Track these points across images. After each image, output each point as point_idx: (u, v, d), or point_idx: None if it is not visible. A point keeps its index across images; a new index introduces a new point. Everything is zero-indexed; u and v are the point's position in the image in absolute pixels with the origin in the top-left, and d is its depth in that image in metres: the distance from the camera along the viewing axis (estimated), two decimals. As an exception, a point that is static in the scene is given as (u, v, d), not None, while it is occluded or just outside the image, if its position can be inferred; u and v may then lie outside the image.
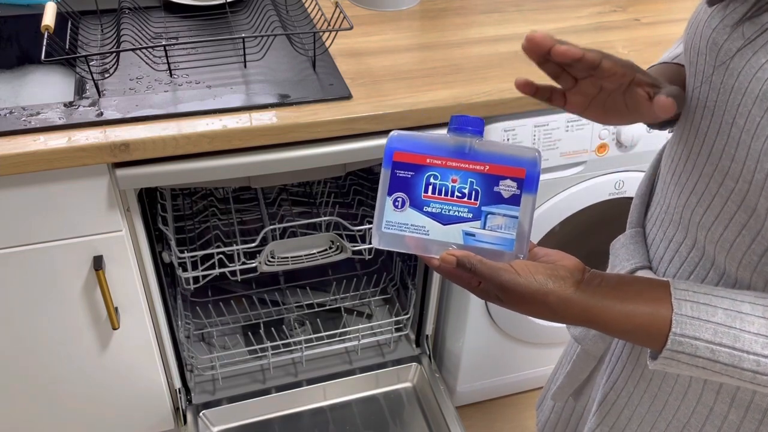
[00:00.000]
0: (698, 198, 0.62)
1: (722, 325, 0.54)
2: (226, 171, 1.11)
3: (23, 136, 1.01)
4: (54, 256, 1.13)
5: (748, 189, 0.56)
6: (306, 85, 1.15)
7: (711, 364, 0.55)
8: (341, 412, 1.52)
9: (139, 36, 1.24)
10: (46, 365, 1.27)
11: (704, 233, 0.63)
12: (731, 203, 0.59)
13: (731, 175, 0.58)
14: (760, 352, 0.53)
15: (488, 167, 0.58)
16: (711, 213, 0.61)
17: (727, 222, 0.59)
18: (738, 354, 0.54)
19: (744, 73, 0.55)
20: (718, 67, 0.58)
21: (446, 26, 1.39)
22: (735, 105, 0.56)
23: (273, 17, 1.30)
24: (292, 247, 1.34)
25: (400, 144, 0.60)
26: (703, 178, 0.61)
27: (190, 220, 1.64)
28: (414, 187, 0.59)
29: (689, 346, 0.54)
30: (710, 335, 0.54)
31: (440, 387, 1.53)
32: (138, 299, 1.24)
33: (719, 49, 0.58)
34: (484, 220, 0.58)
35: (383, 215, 0.60)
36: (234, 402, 1.49)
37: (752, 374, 0.54)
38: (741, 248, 0.59)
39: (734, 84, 0.56)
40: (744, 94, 0.55)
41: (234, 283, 1.71)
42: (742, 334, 0.54)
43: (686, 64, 0.65)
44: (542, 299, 0.56)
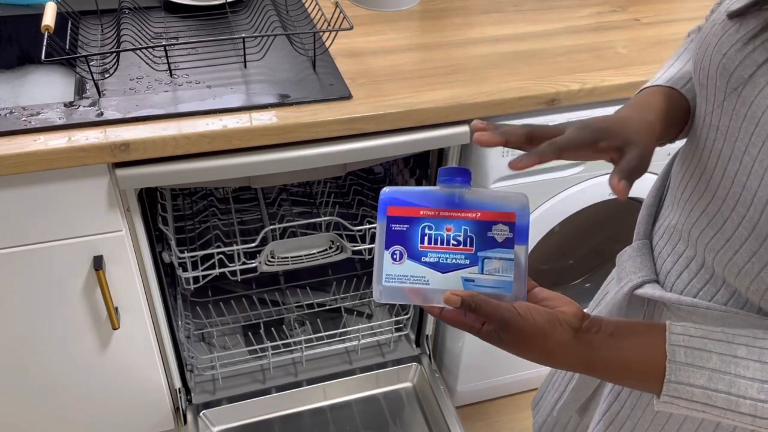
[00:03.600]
0: (709, 220, 0.62)
1: (717, 371, 0.54)
2: (226, 171, 1.11)
3: (23, 136, 1.01)
4: (54, 256, 1.13)
5: (759, 218, 0.56)
6: (306, 85, 1.15)
7: (709, 408, 0.55)
8: (341, 412, 1.52)
9: (139, 36, 1.24)
10: (46, 365, 1.27)
11: (713, 255, 0.62)
12: (742, 229, 0.58)
13: (743, 202, 0.57)
14: (756, 396, 0.53)
15: (480, 214, 0.60)
16: (721, 236, 0.61)
17: (738, 247, 0.59)
18: (734, 399, 0.54)
19: (757, 102, 0.54)
20: (729, 93, 0.58)
21: (446, 26, 1.39)
22: (748, 134, 0.55)
23: (273, 17, 1.30)
24: (292, 247, 1.34)
25: (393, 198, 0.62)
26: (716, 201, 0.61)
27: (190, 220, 1.64)
28: (410, 239, 0.61)
29: (685, 392, 0.55)
30: (705, 381, 0.54)
31: (440, 387, 1.53)
32: (138, 299, 1.24)
33: (730, 75, 0.57)
34: (481, 265, 0.60)
35: (383, 269, 0.61)
36: (234, 402, 1.49)
37: (751, 418, 0.54)
38: (750, 274, 0.58)
39: (747, 113, 0.56)
40: (757, 124, 0.54)
41: (234, 283, 1.71)
42: (738, 380, 0.54)
43: (696, 85, 0.64)
44: (541, 342, 0.56)
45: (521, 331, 0.56)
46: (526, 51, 1.30)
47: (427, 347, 1.61)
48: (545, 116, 1.23)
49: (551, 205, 1.33)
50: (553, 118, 1.23)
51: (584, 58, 1.29)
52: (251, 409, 1.49)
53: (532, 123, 0.62)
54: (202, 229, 1.62)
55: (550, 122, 1.22)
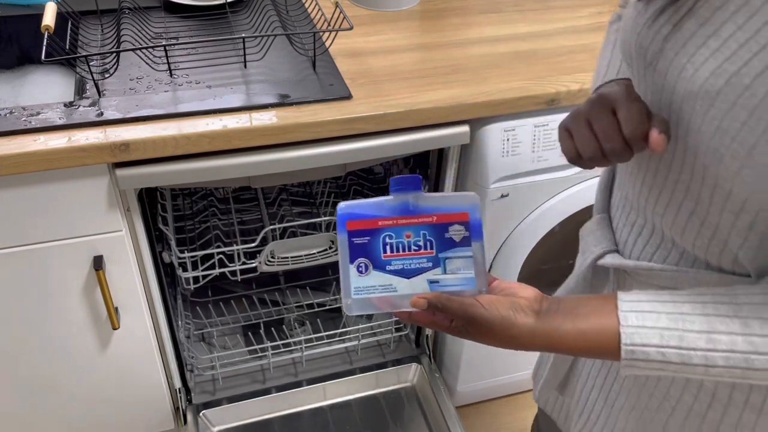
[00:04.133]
0: (649, 188, 0.67)
1: (667, 329, 0.58)
2: (226, 171, 1.11)
3: (23, 136, 1.01)
4: (54, 256, 1.13)
5: (690, 179, 0.61)
6: (306, 85, 1.15)
7: (665, 365, 0.59)
8: (341, 412, 1.52)
9: (140, 36, 1.24)
10: (46, 365, 1.27)
11: (659, 219, 0.67)
12: (678, 193, 0.63)
13: (674, 167, 0.62)
14: (705, 347, 0.57)
15: (435, 218, 0.63)
16: (662, 202, 0.66)
17: (677, 210, 0.64)
18: (686, 353, 0.58)
19: (669, 74, 0.59)
20: (647, 68, 0.62)
21: (446, 26, 1.39)
22: (667, 103, 0.60)
23: (273, 17, 1.30)
24: (292, 247, 1.34)
25: (350, 213, 0.64)
26: (651, 170, 0.66)
27: (190, 220, 1.64)
28: (373, 250, 0.63)
29: (641, 354, 0.59)
30: (657, 340, 0.58)
31: (440, 387, 1.53)
32: (138, 299, 1.24)
33: (646, 51, 0.62)
34: (443, 266, 0.63)
35: (350, 283, 0.63)
36: (234, 402, 1.49)
37: (704, 368, 0.58)
38: (692, 233, 0.64)
39: (663, 84, 0.60)
40: (673, 93, 0.59)
41: (234, 283, 1.71)
42: (687, 334, 0.58)
43: (625, 64, 0.69)
44: (507, 331, 0.60)
45: (487, 322, 0.60)
46: (526, 51, 1.30)
47: (427, 347, 1.61)
48: (545, 116, 1.23)
49: (551, 205, 1.33)
50: (553, 118, 1.23)
51: (584, 58, 1.29)
52: (251, 409, 1.49)
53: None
54: (202, 229, 1.62)
55: (549, 122, 1.23)
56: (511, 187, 1.28)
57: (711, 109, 0.54)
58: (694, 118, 0.56)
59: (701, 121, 0.56)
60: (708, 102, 0.55)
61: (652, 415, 0.77)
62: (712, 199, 0.60)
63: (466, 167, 1.29)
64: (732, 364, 0.57)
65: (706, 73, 0.55)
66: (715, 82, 0.54)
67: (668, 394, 0.74)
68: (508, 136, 1.22)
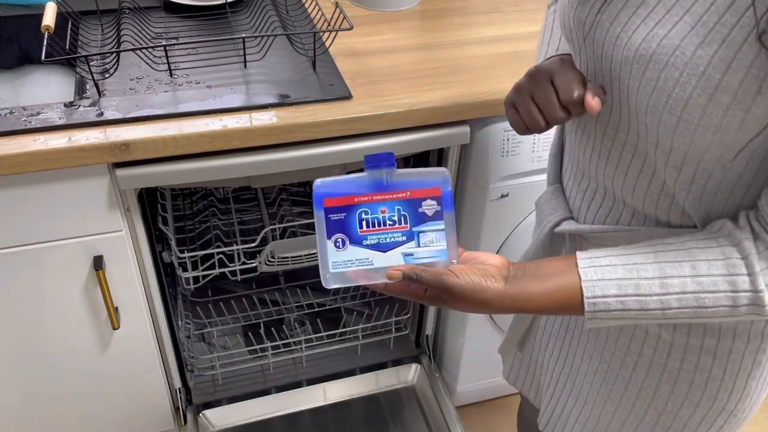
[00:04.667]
0: (599, 153, 0.72)
1: (624, 279, 0.63)
2: (226, 171, 1.11)
3: (23, 136, 1.01)
4: (54, 256, 1.13)
5: (636, 139, 0.66)
6: (306, 85, 1.15)
7: (626, 313, 0.64)
8: (341, 412, 1.52)
9: (140, 36, 1.24)
10: (46, 365, 1.27)
11: (610, 181, 0.72)
12: (626, 153, 0.68)
13: (621, 129, 0.67)
14: (659, 291, 0.63)
15: (409, 193, 0.66)
16: (611, 163, 0.70)
17: (626, 169, 0.69)
18: (643, 299, 0.63)
19: (606, 42, 0.64)
20: (586, 39, 0.67)
21: (446, 26, 1.39)
22: (607, 70, 0.65)
23: (273, 17, 1.30)
24: (292, 247, 1.34)
25: (326, 190, 0.66)
26: (598, 134, 0.71)
27: (190, 220, 1.64)
28: (349, 225, 0.65)
29: (603, 305, 0.64)
30: (615, 290, 0.63)
31: (440, 387, 1.53)
32: (138, 299, 1.24)
33: (583, 24, 0.67)
34: (417, 240, 0.66)
35: (328, 257, 0.66)
36: (234, 402, 1.49)
37: (660, 312, 0.63)
38: (642, 190, 0.69)
39: (601, 53, 0.65)
40: (611, 60, 0.64)
41: (234, 283, 1.71)
42: (642, 282, 0.63)
43: (565, 38, 0.73)
44: (479, 296, 0.64)
45: (461, 290, 0.64)
46: (526, 51, 1.30)
47: (427, 347, 1.61)
48: (545, 116, 1.22)
49: (551, 205, 1.33)
50: (553, 118, 1.23)
51: (584, 58, 1.29)
52: (251, 409, 1.49)
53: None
54: (202, 229, 1.62)
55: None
56: (511, 187, 1.28)
57: (646, 71, 0.60)
58: (632, 82, 0.61)
59: (639, 83, 0.61)
60: (643, 65, 0.60)
61: (615, 373, 0.81)
62: (657, 156, 0.64)
63: (466, 167, 1.29)
64: (684, 304, 0.62)
65: (639, 39, 0.60)
66: (648, 46, 0.59)
67: (629, 350, 0.79)
68: (508, 136, 1.22)
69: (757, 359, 0.74)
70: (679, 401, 0.78)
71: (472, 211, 1.32)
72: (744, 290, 0.61)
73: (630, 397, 0.81)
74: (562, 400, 0.92)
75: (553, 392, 0.93)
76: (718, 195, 0.65)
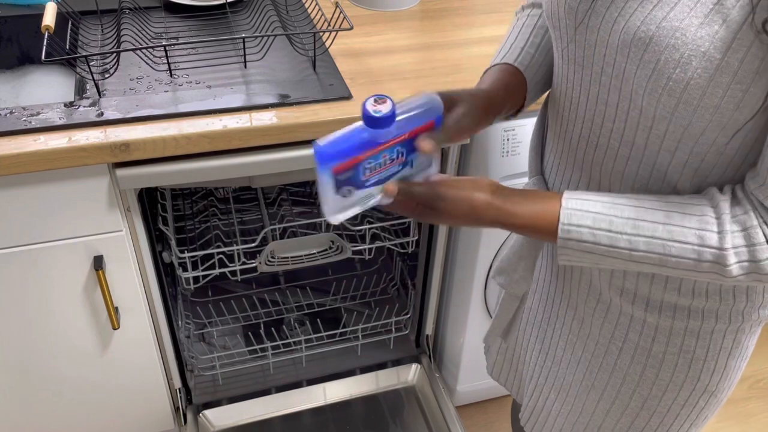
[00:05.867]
0: (586, 141, 0.73)
1: (600, 214, 0.66)
2: (227, 171, 1.11)
3: (24, 136, 1.01)
4: (54, 256, 1.13)
5: (624, 127, 0.67)
6: (306, 85, 1.15)
7: (595, 247, 0.66)
8: (341, 412, 1.52)
9: (140, 36, 1.24)
10: (46, 365, 1.27)
11: (598, 169, 0.73)
12: (613, 141, 0.69)
13: (608, 117, 0.68)
14: (630, 232, 0.65)
15: (408, 133, 0.67)
16: (599, 151, 0.72)
17: (614, 156, 0.70)
18: (614, 235, 0.65)
19: (602, 28, 0.64)
20: (578, 26, 0.68)
21: (446, 26, 1.39)
22: (601, 56, 0.66)
23: (273, 17, 1.30)
24: (292, 247, 1.34)
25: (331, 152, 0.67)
26: (586, 122, 0.72)
27: (190, 220, 1.64)
28: (355, 178, 0.67)
29: (576, 233, 0.66)
30: (590, 222, 0.66)
31: (440, 387, 1.53)
32: (138, 299, 1.24)
33: (575, 11, 0.67)
34: (411, 164, 0.70)
35: (334, 205, 0.68)
36: (234, 402, 1.49)
37: (628, 252, 0.65)
38: (630, 177, 0.70)
39: (596, 39, 0.66)
40: (606, 46, 0.64)
41: (234, 283, 1.71)
42: (616, 219, 0.65)
43: (550, 29, 0.74)
44: (469, 203, 0.68)
45: (452, 198, 0.68)
46: (526, 51, 1.30)
47: (427, 347, 1.61)
48: (545, 116, 1.23)
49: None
50: (553, 118, 1.23)
51: (584, 58, 1.29)
52: (251, 409, 1.49)
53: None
54: (202, 229, 1.62)
55: (549, 122, 1.23)
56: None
57: (645, 54, 0.60)
58: (629, 66, 0.62)
59: (636, 66, 0.61)
60: (641, 48, 0.60)
61: (599, 361, 0.83)
62: (648, 142, 0.66)
63: (466, 167, 1.29)
64: (651, 249, 0.64)
65: (637, 22, 0.61)
66: (647, 29, 0.60)
67: (613, 336, 0.80)
68: (508, 136, 1.22)
69: (737, 339, 0.76)
70: (664, 384, 0.79)
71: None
72: (710, 246, 0.62)
73: (614, 385, 0.83)
74: (543, 394, 0.93)
75: (535, 386, 0.94)
76: (708, 179, 0.66)
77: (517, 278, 0.91)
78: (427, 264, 1.48)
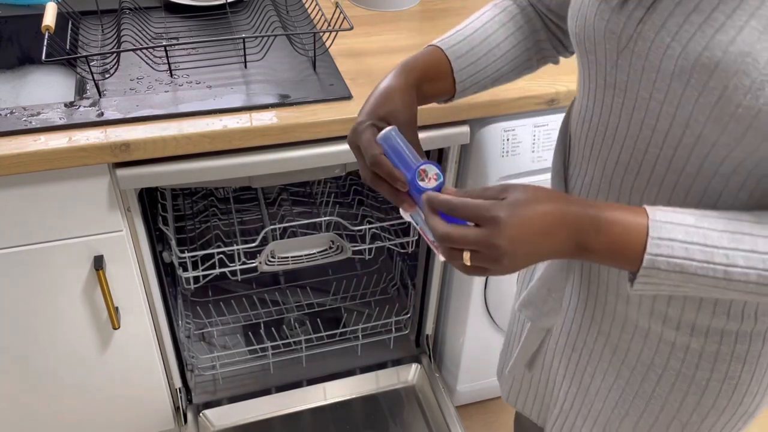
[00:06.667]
0: (625, 167, 0.68)
1: (692, 227, 0.59)
2: (227, 171, 1.11)
3: (24, 136, 1.01)
4: (54, 256, 1.13)
5: (673, 154, 0.63)
6: (306, 86, 1.15)
7: (687, 264, 0.58)
8: (341, 411, 1.52)
9: (140, 36, 1.24)
10: (47, 365, 1.27)
11: (639, 196, 0.68)
12: (659, 167, 0.65)
13: (654, 143, 0.64)
14: (728, 245, 0.58)
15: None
16: (642, 178, 0.67)
17: (659, 183, 0.66)
18: (709, 250, 0.58)
19: (652, 53, 0.60)
20: (622, 52, 0.64)
21: (446, 26, 1.38)
22: (650, 82, 0.61)
23: (273, 17, 1.30)
24: (292, 247, 1.34)
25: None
26: (626, 149, 0.67)
27: (190, 220, 1.64)
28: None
29: (666, 247, 0.58)
30: (683, 236, 0.58)
31: (440, 387, 1.53)
32: (138, 299, 1.24)
33: (618, 37, 0.63)
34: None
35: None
36: (234, 402, 1.49)
37: (724, 269, 0.58)
38: (677, 203, 0.65)
39: (644, 64, 0.62)
40: (658, 71, 0.60)
41: (234, 283, 1.71)
42: (711, 232, 0.58)
43: (580, 52, 0.71)
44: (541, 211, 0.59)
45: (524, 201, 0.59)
46: (526, 51, 1.30)
47: (427, 347, 1.61)
48: (545, 116, 1.23)
49: (551, 205, 1.33)
50: (554, 118, 1.23)
51: (584, 59, 1.29)
52: (251, 409, 1.49)
53: None
54: (202, 229, 1.62)
55: (549, 122, 1.23)
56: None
57: (710, 80, 0.56)
58: (689, 92, 0.58)
59: (699, 93, 0.57)
60: (706, 74, 0.56)
61: (635, 388, 0.79)
62: (701, 168, 0.62)
63: (466, 167, 1.29)
64: (752, 264, 0.58)
65: (698, 48, 0.56)
66: (712, 54, 0.55)
67: (653, 363, 0.76)
68: (508, 136, 1.22)
69: None
70: (705, 411, 0.76)
71: (472, 211, 1.31)
72: None
73: (653, 412, 0.79)
74: (570, 420, 0.89)
75: (560, 412, 0.90)
76: (764, 200, 0.63)
77: (547, 311, 0.86)
78: (427, 264, 1.48)
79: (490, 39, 0.82)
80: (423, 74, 0.79)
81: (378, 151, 0.69)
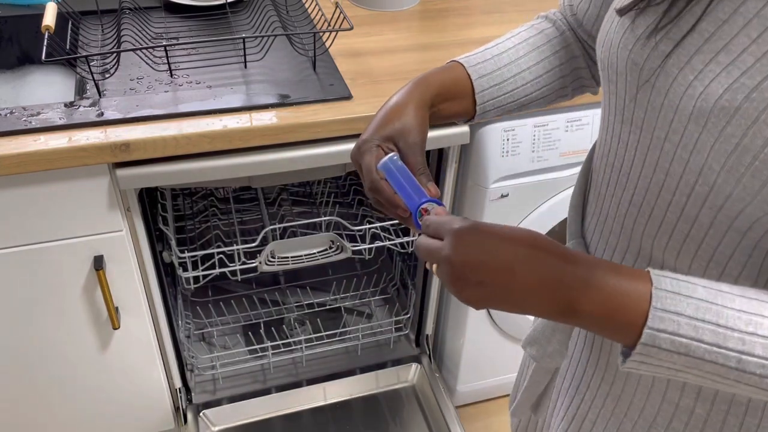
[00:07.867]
0: (638, 209, 0.63)
1: (704, 301, 0.50)
2: (227, 171, 1.11)
3: (24, 136, 1.01)
4: (54, 256, 1.13)
5: (686, 201, 0.56)
6: (306, 86, 1.15)
7: (694, 346, 0.49)
8: (341, 411, 1.52)
9: (140, 36, 1.24)
10: (47, 365, 1.27)
11: (650, 241, 0.62)
12: (671, 214, 0.59)
13: (667, 188, 0.58)
14: (744, 329, 0.49)
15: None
16: (652, 223, 0.61)
17: (670, 231, 0.59)
18: (722, 331, 0.49)
19: (673, 90, 0.55)
20: (642, 86, 0.59)
21: (446, 26, 1.39)
22: (667, 122, 0.56)
23: (273, 17, 1.30)
24: (292, 247, 1.34)
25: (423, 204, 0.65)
26: (639, 190, 0.62)
27: (190, 220, 1.64)
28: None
29: (671, 323, 0.49)
30: (692, 311, 0.49)
31: (440, 387, 1.53)
32: (138, 299, 1.24)
33: (641, 69, 0.58)
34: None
35: None
36: (234, 402, 1.49)
37: (737, 357, 0.49)
38: (688, 255, 0.59)
39: (663, 101, 0.56)
40: (676, 111, 0.55)
41: (234, 283, 1.71)
42: (725, 311, 0.50)
43: (603, 80, 0.66)
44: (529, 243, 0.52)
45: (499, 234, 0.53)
46: (526, 51, 1.30)
47: (427, 347, 1.61)
48: (545, 116, 1.23)
49: (551, 204, 1.33)
50: (553, 118, 1.23)
51: (584, 59, 1.29)
52: (251, 409, 1.49)
53: None
54: (202, 229, 1.62)
55: (549, 122, 1.23)
56: (511, 187, 1.28)
57: (728, 126, 0.51)
58: (705, 137, 0.53)
59: (715, 139, 0.52)
60: (724, 119, 0.51)
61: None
62: (714, 221, 0.56)
63: (466, 167, 1.29)
64: None
65: (720, 90, 0.51)
66: (733, 98, 0.51)
67: (654, 422, 0.70)
68: (508, 136, 1.22)
69: None
70: None
71: (471, 211, 1.32)
72: None
73: None
74: None
75: None
76: None
77: (551, 351, 0.80)
78: (427, 264, 1.48)
79: (521, 61, 0.77)
80: (439, 92, 0.74)
81: (378, 176, 0.66)
